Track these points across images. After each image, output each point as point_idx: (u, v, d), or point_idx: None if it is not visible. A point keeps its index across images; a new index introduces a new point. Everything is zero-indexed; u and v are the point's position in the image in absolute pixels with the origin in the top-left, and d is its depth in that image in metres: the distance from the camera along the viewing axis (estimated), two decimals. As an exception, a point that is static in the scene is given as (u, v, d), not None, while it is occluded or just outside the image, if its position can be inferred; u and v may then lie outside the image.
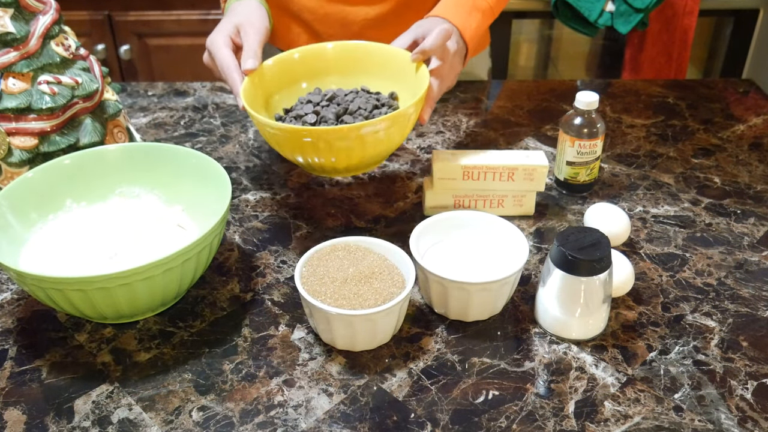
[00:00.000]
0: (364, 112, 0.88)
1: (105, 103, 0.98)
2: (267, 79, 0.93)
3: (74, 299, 0.72)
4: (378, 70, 0.95)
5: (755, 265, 0.89)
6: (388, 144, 0.83)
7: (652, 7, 1.76)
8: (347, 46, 0.97)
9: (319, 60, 0.97)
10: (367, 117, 0.87)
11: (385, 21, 1.13)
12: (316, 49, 0.97)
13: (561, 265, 0.75)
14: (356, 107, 0.88)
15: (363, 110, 0.88)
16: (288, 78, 0.96)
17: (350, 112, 0.88)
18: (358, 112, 0.88)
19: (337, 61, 0.97)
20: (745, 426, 0.69)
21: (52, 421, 0.70)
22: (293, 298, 0.84)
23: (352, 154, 0.81)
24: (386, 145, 0.83)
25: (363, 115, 0.87)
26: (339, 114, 0.88)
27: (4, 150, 0.90)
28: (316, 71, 0.97)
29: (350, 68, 0.97)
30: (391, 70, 0.93)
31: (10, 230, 0.82)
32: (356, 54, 0.96)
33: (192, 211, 0.90)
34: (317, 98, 0.91)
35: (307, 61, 0.96)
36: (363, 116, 0.87)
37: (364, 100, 0.89)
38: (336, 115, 0.87)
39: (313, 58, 0.97)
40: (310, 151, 0.81)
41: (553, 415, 0.70)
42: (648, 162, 1.10)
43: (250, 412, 0.71)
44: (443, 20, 0.95)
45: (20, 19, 0.89)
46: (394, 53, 0.93)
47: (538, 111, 1.24)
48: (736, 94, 1.29)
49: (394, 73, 0.93)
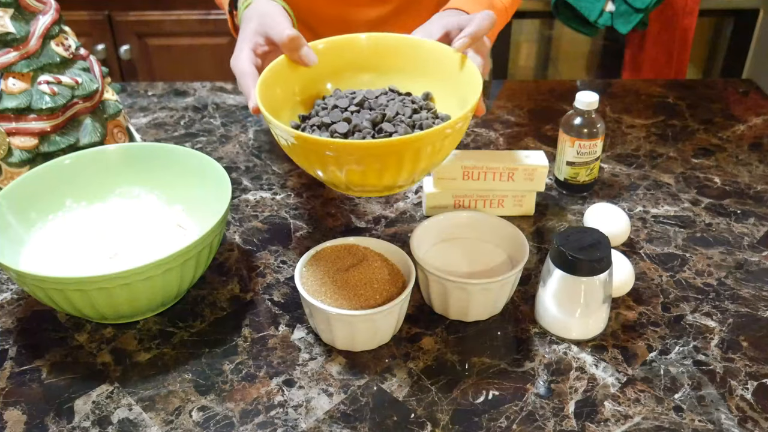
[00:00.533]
0: (404, 118, 0.74)
1: (105, 103, 0.98)
2: (283, 79, 0.79)
3: (74, 299, 0.72)
4: (406, 66, 0.82)
5: (755, 265, 0.89)
6: (442, 155, 0.71)
7: (652, 7, 1.76)
8: (376, 38, 0.82)
9: (337, 57, 0.82)
10: (408, 124, 0.74)
11: (386, 22, 1.13)
12: (341, 42, 0.82)
13: (561, 265, 0.75)
14: (393, 112, 0.75)
15: (402, 116, 0.75)
16: (304, 77, 0.80)
17: (389, 119, 0.74)
18: (397, 118, 0.74)
19: (364, 56, 0.83)
20: (745, 426, 0.69)
21: (52, 421, 0.70)
22: (293, 298, 0.84)
23: (402, 169, 0.69)
24: (441, 156, 0.71)
25: (404, 122, 0.74)
26: (376, 121, 0.74)
27: (4, 150, 0.90)
28: (337, 68, 0.83)
29: (378, 65, 0.83)
30: (423, 65, 0.81)
31: (10, 230, 0.82)
32: (387, 49, 0.83)
33: (192, 211, 0.90)
34: (344, 102, 0.76)
35: (328, 55, 0.81)
36: (405, 123, 0.73)
37: (400, 103, 0.76)
38: (372, 123, 0.74)
39: (336, 51, 0.82)
40: (354, 166, 0.68)
41: (553, 415, 0.70)
42: (648, 162, 1.10)
43: (250, 412, 0.71)
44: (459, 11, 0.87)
45: (20, 19, 0.89)
46: (427, 46, 0.80)
47: (538, 111, 1.24)
48: (736, 94, 1.29)
49: (427, 69, 0.81)
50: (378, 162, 0.67)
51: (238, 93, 1.30)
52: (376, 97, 0.78)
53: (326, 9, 1.12)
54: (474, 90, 0.73)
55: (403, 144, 0.66)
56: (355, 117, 0.74)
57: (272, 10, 0.81)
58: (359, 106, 0.76)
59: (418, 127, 0.73)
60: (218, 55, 2.11)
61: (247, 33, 0.81)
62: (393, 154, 0.67)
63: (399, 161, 0.67)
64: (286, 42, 0.76)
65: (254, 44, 0.80)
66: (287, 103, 0.78)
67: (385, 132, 0.72)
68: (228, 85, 1.33)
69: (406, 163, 0.68)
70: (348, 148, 0.66)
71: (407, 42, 0.81)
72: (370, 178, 0.69)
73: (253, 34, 0.80)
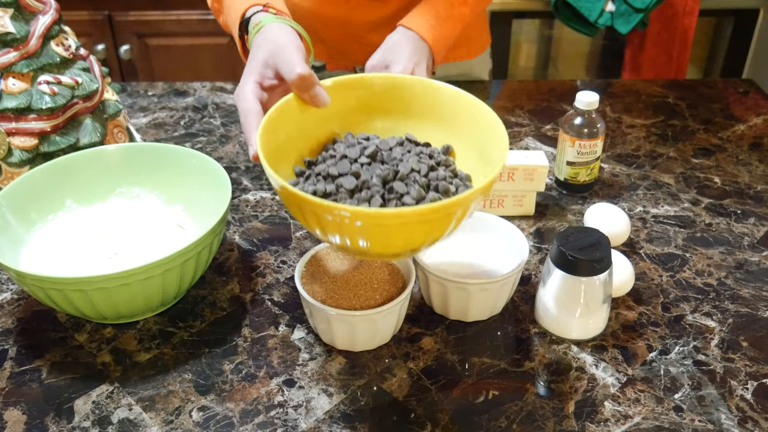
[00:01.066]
0: (419, 176, 0.66)
1: (105, 103, 0.98)
2: (289, 122, 0.71)
3: (74, 299, 0.72)
4: (423, 111, 0.75)
5: (755, 265, 0.89)
6: (459, 223, 0.63)
7: (652, 7, 1.76)
8: (392, 80, 0.75)
9: (354, 96, 0.75)
10: (423, 184, 0.66)
11: (386, 24, 1.13)
12: (351, 81, 0.75)
13: (561, 265, 0.75)
14: (408, 169, 0.66)
15: (417, 173, 0.67)
16: (312, 118, 0.73)
17: (401, 177, 0.66)
18: (410, 176, 0.66)
19: (378, 98, 0.76)
20: (745, 426, 0.69)
21: (52, 421, 0.70)
22: (293, 298, 0.84)
23: (413, 239, 0.62)
24: (457, 224, 0.63)
25: (418, 182, 0.66)
26: (387, 178, 0.66)
27: (4, 150, 0.90)
28: (348, 110, 0.75)
29: (393, 109, 0.76)
30: (442, 112, 0.74)
31: (10, 230, 0.82)
32: (403, 91, 0.75)
33: (192, 211, 0.90)
34: (354, 152, 0.68)
35: (339, 95, 0.73)
36: (418, 183, 0.66)
37: (416, 157, 0.68)
38: (383, 181, 0.65)
39: (346, 91, 0.74)
40: (352, 234, 0.61)
41: (553, 415, 0.70)
42: (648, 162, 1.10)
43: (250, 413, 0.71)
44: (414, 34, 0.88)
45: (20, 19, 0.89)
46: (450, 93, 0.73)
47: (538, 111, 1.24)
48: (736, 94, 1.29)
49: (445, 115, 0.74)
50: (385, 230, 0.60)
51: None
52: (390, 149, 0.70)
53: (328, 10, 1.12)
54: (499, 147, 0.66)
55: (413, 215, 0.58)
56: (365, 171, 0.67)
57: (284, 40, 0.75)
58: (371, 158, 0.68)
59: (434, 189, 0.66)
60: (218, 55, 2.11)
61: (254, 64, 0.75)
62: (402, 225, 0.59)
63: (410, 232, 0.60)
64: (297, 81, 0.70)
65: (261, 76, 0.74)
66: (293, 145, 0.72)
67: (396, 192, 0.65)
68: (228, 85, 1.33)
69: (418, 234, 0.61)
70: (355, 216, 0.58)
71: (425, 85, 0.75)
72: (375, 245, 0.62)
73: (262, 66, 0.74)
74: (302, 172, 0.70)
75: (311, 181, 0.68)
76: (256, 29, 0.79)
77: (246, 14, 0.84)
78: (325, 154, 0.71)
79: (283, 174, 0.69)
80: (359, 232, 0.60)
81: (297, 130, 0.72)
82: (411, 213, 0.58)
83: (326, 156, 0.70)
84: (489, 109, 0.70)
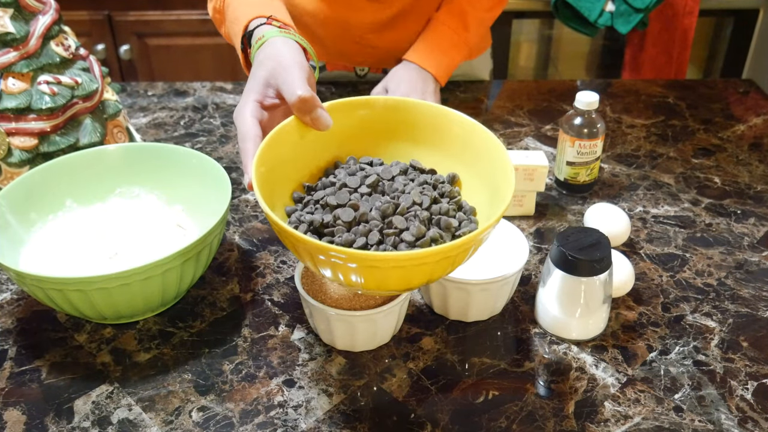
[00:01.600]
0: (420, 210, 0.64)
1: (105, 103, 0.98)
2: (287, 146, 0.69)
3: (74, 299, 0.72)
4: (427, 136, 0.73)
5: (755, 266, 0.89)
6: (460, 262, 0.62)
7: (652, 7, 1.76)
8: (395, 103, 0.73)
9: (356, 118, 0.73)
10: (424, 219, 0.64)
11: (386, 26, 1.13)
12: (353, 104, 0.72)
13: (561, 265, 0.75)
14: (409, 202, 0.64)
15: (418, 206, 0.65)
16: (313, 141, 0.71)
17: (401, 212, 0.64)
18: (412, 210, 0.64)
19: (380, 122, 0.73)
20: (745, 426, 0.69)
21: (51, 421, 0.70)
22: (293, 298, 0.84)
23: (411, 279, 0.60)
24: (458, 263, 0.62)
25: (419, 217, 0.64)
26: (386, 212, 0.64)
27: (4, 150, 0.90)
28: (350, 133, 0.73)
29: (396, 132, 0.74)
30: (451, 140, 0.72)
31: (10, 230, 0.82)
32: (406, 115, 0.73)
33: (192, 211, 0.90)
34: (355, 181, 0.67)
35: (341, 118, 0.71)
36: (419, 218, 0.64)
37: (418, 188, 0.66)
38: (382, 215, 0.64)
39: (348, 114, 0.72)
40: (346, 273, 0.59)
41: (553, 415, 0.70)
42: (648, 162, 1.10)
43: (250, 413, 0.71)
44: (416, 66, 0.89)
45: (20, 19, 0.89)
46: (458, 120, 0.71)
47: (538, 111, 1.24)
48: (736, 94, 1.29)
49: (455, 144, 0.72)
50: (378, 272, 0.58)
51: (237, 93, 1.30)
52: (393, 178, 0.68)
53: (327, 11, 1.12)
54: (505, 180, 0.64)
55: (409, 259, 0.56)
56: (364, 203, 0.65)
57: (287, 59, 0.72)
58: (371, 189, 0.67)
59: (436, 224, 0.65)
60: (218, 55, 2.11)
61: (254, 83, 0.72)
62: (398, 268, 0.58)
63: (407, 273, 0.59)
64: (297, 103, 0.67)
65: (262, 96, 0.72)
66: (293, 168, 0.70)
67: (395, 227, 0.63)
68: (228, 85, 1.33)
69: (416, 275, 0.59)
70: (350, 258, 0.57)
71: (430, 110, 0.72)
72: (370, 284, 0.60)
73: (263, 85, 0.72)
74: (301, 198, 0.69)
75: (309, 209, 0.66)
76: (259, 44, 0.77)
77: (249, 27, 0.82)
78: (326, 180, 0.69)
79: (280, 200, 0.68)
80: (353, 272, 0.58)
81: (296, 154, 0.70)
82: (406, 257, 0.56)
83: (326, 182, 0.69)
84: (493, 136, 0.69)
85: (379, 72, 1.25)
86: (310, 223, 0.64)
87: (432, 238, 0.63)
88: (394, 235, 0.63)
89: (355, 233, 0.63)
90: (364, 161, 0.71)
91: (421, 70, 1.00)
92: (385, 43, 1.16)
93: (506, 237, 0.84)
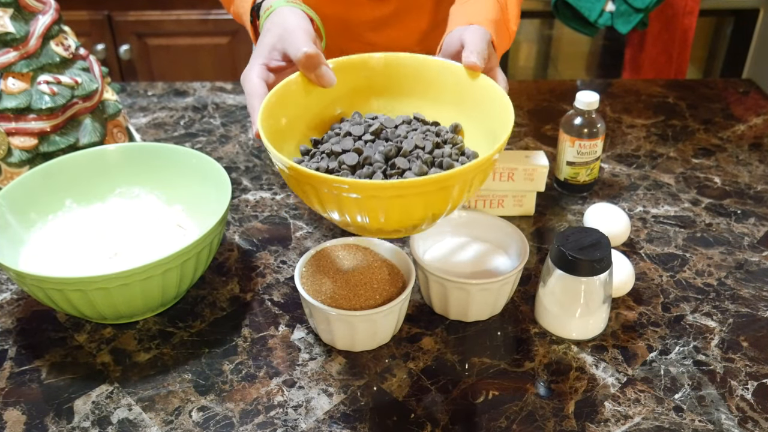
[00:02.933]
0: (423, 153, 0.66)
1: (105, 103, 0.98)
2: (294, 101, 0.71)
3: (74, 299, 0.72)
4: (429, 90, 0.74)
5: (755, 266, 0.89)
6: (459, 200, 0.63)
7: (652, 7, 1.76)
8: (395, 59, 0.75)
9: (359, 76, 0.75)
10: (427, 161, 0.66)
11: (386, 23, 1.13)
12: (355, 62, 0.75)
13: (561, 265, 0.75)
14: (412, 146, 0.66)
15: (421, 150, 0.67)
16: (319, 98, 0.73)
17: (404, 154, 0.66)
18: (414, 152, 0.66)
19: (383, 78, 0.75)
20: (745, 426, 0.69)
21: (51, 421, 0.70)
22: (293, 298, 0.84)
23: (412, 214, 0.61)
24: (457, 200, 0.63)
25: (421, 158, 0.66)
26: (389, 155, 0.66)
27: (4, 150, 0.90)
28: (354, 90, 0.75)
29: (399, 88, 0.75)
30: (448, 90, 0.73)
31: (10, 230, 0.82)
32: (407, 70, 0.74)
33: (192, 211, 0.90)
34: (359, 130, 0.69)
35: (344, 76, 0.73)
36: (421, 159, 0.66)
37: (421, 135, 0.68)
38: (385, 157, 0.66)
39: (351, 72, 0.74)
40: (350, 208, 0.61)
41: (553, 415, 0.70)
42: (648, 162, 1.10)
43: (250, 413, 0.71)
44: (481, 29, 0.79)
45: (20, 19, 0.89)
46: (457, 71, 0.72)
47: (538, 111, 1.24)
48: (736, 94, 1.29)
49: (452, 94, 0.73)
50: (381, 203, 0.60)
51: (237, 93, 1.30)
52: (396, 126, 0.70)
53: (327, 8, 1.12)
54: (504, 125, 0.65)
55: (411, 186, 0.58)
56: (368, 148, 0.67)
57: (293, 24, 0.73)
58: (375, 136, 0.68)
59: (438, 165, 0.66)
60: (218, 55, 2.11)
61: (262, 47, 0.74)
62: (399, 196, 0.59)
63: (407, 205, 0.60)
64: (303, 59, 0.69)
65: (268, 59, 0.73)
66: (299, 124, 0.72)
67: (398, 168, 0.64)
68: (228, 85, 1.33)
69: (416, 208, 0.61)
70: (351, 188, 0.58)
71: (431, 64, 0.73)
72: (373, 220, 0.62)
73: (269, 49, 0.73)
74: (308, 151, 0.70)
75: (315, 159, 0.68)
76: (267, 14, 0.78)
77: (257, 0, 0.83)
78: (331, 132, 0.71)
79: (287, 153, 0.69)
80: (356, 206, 0.60)
81: (302, 110, 0.71)
82: (407, 184, 0.58)
83: (332, 135, 0.70)
84: (498, 87, 0.69)
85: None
86: (316, 169, 0.65)
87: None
88: (396, 175, 0.64)
89: (359, 176, 0.64)
90: (369, 116, 0.72)
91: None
92: (384, 41, 1.16)
93: (506, 237, 0.84)
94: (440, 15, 1.11)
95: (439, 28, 1.13)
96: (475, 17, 0.81)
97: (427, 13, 1.13)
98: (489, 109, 0.69)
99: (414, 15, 1.12)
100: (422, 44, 1.17)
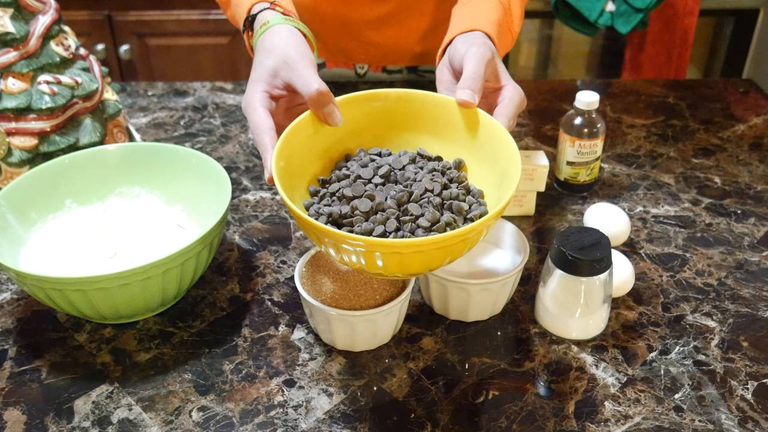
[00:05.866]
0: (432, 196, 0.67)
1: (105, 103, 0.98)
2: (303, 140, 0.71)
3: (74, 299, 0.72)
4: (436, 126, 0.74)
5: (755, 266, 0.89)
6: (468, 248, 0.65)
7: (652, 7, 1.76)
8: (406, 95, 0.74)
9: (363, 112, 0.75)
10: (437, 205, 0.67)
11: (385, 22, 1.13)
12: (359, 99, 0.74)
13: (561, 265, 0.75)
14: (422, 190, 0.67)
15: (431, 193, 0.68)
16: (326, 136, 0.73)
17: (415, 199, 0.67)
18: (425, 197, 0.67)
19: (387, 115, 0.75)
20: (745, 426, 0.69)
21: (52, 421, 0.70)
22: (293, 298, 0.84)
23: (431, 263, 0.64)
24: (466, 250, 0.65)
25: (432, 203, 0.67)
26: (401, 200, 0.67)
27: (4, 150, 0.90)
28: (359, 126, 0.75)
29: (400, 122, 0.76)
30: (451, 127, 0.73)
31: (10, 230, 0.82)
32: (412, 105, 0.75)
33: (192, 211, 0.90)
34: (368, 173, 0.69)
35: (350, 111, 0.73)
36: (432, 204, 0.66)
37: (428, 175, 0.69)
38: (398, 203, 0.67)
39: (356, 107, 0.74)
40: (366, 258, 0.62)
41: (553, 415, 0.70)
42: (648, 162, 1.10)
43: (250, 413, 0.71)
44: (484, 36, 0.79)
45: (20, 19, 0.89)
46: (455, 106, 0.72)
47: (538, 111, 1.24)
48: (736, 94, 1.29)
49: (455, 131, 0.73)
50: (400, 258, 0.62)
51: (237, 93, 1.30)
52: (403, 167, 0.71)
53: (326, 8, 1.12)
54: (511, 163, 0.66)
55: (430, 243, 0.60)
56: (379, 193, 0.68)
57: (295, 51, 0.72)
58: (384, 179, 0.69)
59: (448, 209, 0.68)
60: (218, 55, 2.11)
61: (263, 71, 0.72)
62: (418, 253, 0.61)
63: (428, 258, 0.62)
64: (315, 96, 0.69)
65: (271, 86, 0.72)
66: (307, 162, 0.72)
67: (411, 214, 0.66)
68: (228, 85, 1.33)
69: (436, 259, 0.63)
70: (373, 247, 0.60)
71: (436, 101, 0.74)
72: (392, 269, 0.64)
73: (271, 75, 0.72)
74: (316, 191, 0.71)
75: (326, 201, 0.69)
76: (263, 29, 0.77)
77: (252, 11, 0.83)
78: (339, 172, 0.71)
79: (297, 193, 0.70)
80: (377, 258, 0.62)
81: (310, 148, 0.72)
82: (427, 242, 0.60)
83: (340, 175, 0.71)
84: (495, 121, 0.70)
85: (379, 70, 1.25)
86: (329, 215, 0.67)
87: (446, 222, 0.66)
88: (410, 222, 0.66)
89: (374, 222, 0.66)
90: (373, 152, 0.74)
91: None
92: (384, 40, 1.16)
93: (506, 237, 0.84)
94: (441, 14, 1.11)
95: (440, 27, 1.12)
96: (478, 20, 0.81)
97: (428, 13, 1.13)
98: (493, 145, 0.70)
99: (414, 14, 1.12)
100: (422, 44, 1.17)
